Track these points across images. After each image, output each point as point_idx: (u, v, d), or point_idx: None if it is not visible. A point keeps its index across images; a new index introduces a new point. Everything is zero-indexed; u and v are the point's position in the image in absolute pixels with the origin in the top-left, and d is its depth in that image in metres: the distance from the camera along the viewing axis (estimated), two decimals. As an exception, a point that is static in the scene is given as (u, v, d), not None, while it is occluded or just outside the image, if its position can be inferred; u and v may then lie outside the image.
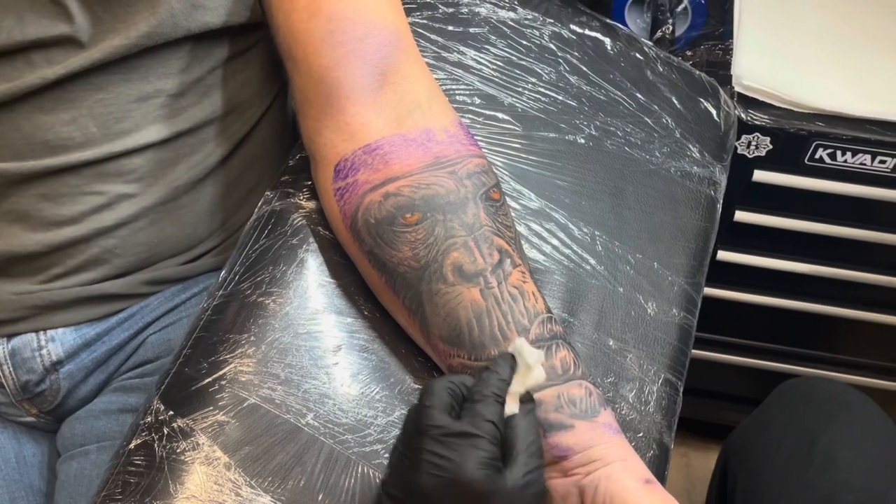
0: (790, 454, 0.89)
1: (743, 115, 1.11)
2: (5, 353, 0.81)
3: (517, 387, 0.60)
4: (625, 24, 1.21)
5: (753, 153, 1.14)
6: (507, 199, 0.74)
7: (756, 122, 1.12)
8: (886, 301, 1.30)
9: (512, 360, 0.61)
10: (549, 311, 0.68)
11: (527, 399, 0.60)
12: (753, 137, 1.13)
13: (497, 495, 0.55)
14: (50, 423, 0.86)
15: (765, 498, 0.88)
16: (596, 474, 0.62)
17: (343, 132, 0.69)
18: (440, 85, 0.76)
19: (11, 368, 0.81)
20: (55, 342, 0.81)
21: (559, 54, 0.91)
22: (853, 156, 1.13)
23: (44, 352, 0.81)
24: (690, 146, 0.93)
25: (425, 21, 0.86)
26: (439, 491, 0.55)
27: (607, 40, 0.94)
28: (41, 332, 0.80)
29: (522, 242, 0.77)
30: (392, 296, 0.68)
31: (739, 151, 1.14)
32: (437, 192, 0.67)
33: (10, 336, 0.81)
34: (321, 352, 0.68)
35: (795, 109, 1.12)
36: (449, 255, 0.66)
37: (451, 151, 0.69)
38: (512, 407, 0.59)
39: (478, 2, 0.89)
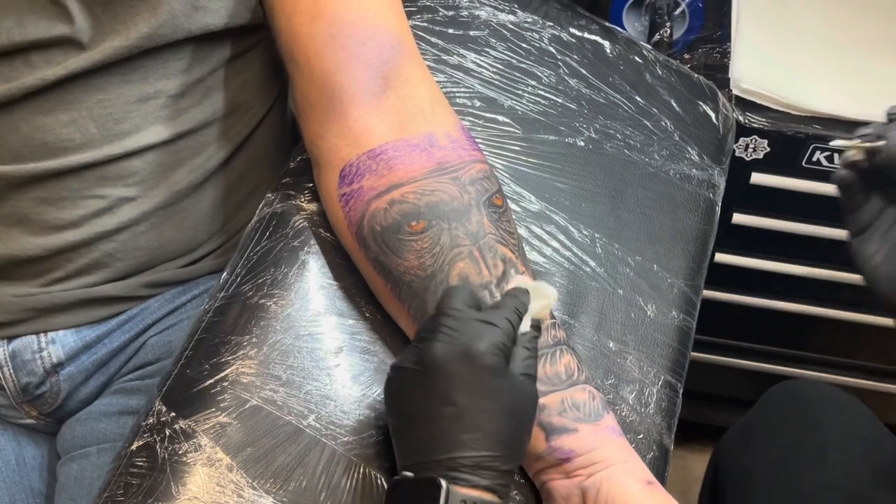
0: (778, 456, 0.89)
1: (741, 118, 1.12)
2: (6, 356, 0.80)
3: (533, 313, 0.64)
4: (623, 27, 1.21)
5: (751, 156, 1.15)
6: (508, 201, 0.74)
7: (754, 125, 1.12)
8: (883, 303, 1.31)
9: (527, 293, 0.65)
10: (552, 317, 0.69)
11: (535, 327, 0.64)
12: (751, 140, 1.13)
13: (502, 375, 0.58)
14: (50, 426, 0.86)
15: (754, 499, 0.88)
16: (598, 476, 0.63)
17: (346, 137, 0.69)
18: (440, 88, 0.76)
19: (12, 370, 0.81)
20: (55, 344, 0.81)
21: (559, 57, 0.91)
22: (850, 158, 1.13)
23: (44, 354, 0.81)
24: (689, 149, 0.94)
25: (426, 24, 0.86)
26: (449, 359, 0.58)
27: (606, 43, 0.94)
28: (41, 335, 0.80)
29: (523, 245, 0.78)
30: (397, 303, 0.69)
31: (737, 154, 1.14)
32: (441, 198, 0.67)
33: (10, 338, 0.80)
34: (323, 353, 0.69)
35: (793, 112, 1.12)
36: (455, 265, 0.66)
37: (454, 157, 0.70)
38: (525, 326, 0.63)
39: (478, 5, 0.89)
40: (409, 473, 0.59)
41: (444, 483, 0.56)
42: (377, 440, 0.66)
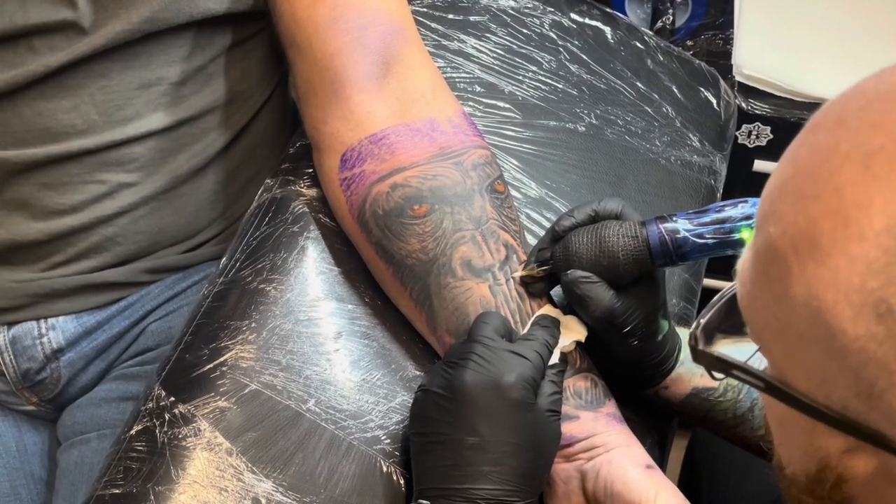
0: None
1: (743, 105, 1.11)
2: (6, 341, 0.81)
3: (563, 344, 0.65)
4: (625, 13, 1.21)
5: (754, 143, 1.15)
6: (509, 188, 0.74)
7: (756, 112, 1.12)
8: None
9: (558, 323, 0.66)
10: (554, 305, 0.69)
11: (562, 360, 0.65)
12: (754, 127, 1.13)
13: (528, 409, 0.59)
14: (50, 412, 0.86)
15: (729, 484, 0.88)
16: (597, 460, 0.63)
17: (348, 121, 0.69)
18: (441, 74, 0.76)
19: (12, 356, 0.81)
20: (56, 330, 0.81)
21: (560, 43, 0.91)
22: (853, 145, 1.13)
23: (44, 340, 0.81)
24: (690, 135, 0.93)
25: (425, 9, 0.86)
26: (478, 388, 0.58)
27: (608, 29, 0.94)
28: (42, 321, 0.80)
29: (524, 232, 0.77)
30: (399, 287, 0.68)
31: (740, 141, 1.14)
32: (444, 183, 0.67)
33: (10, 324, 0.80)
34: (322, 338, 0.68)
35: (796, 98, 1.12)
36: (458, 248, 0.66)
37: (456, 142, 0.69)
38: (554, 359, 0.63)
39: (478, -10, 0.89)
40: (424, 502, 0.58)
41: None
42: (377, 424, 0.66)
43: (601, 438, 0.64)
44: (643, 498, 0.60)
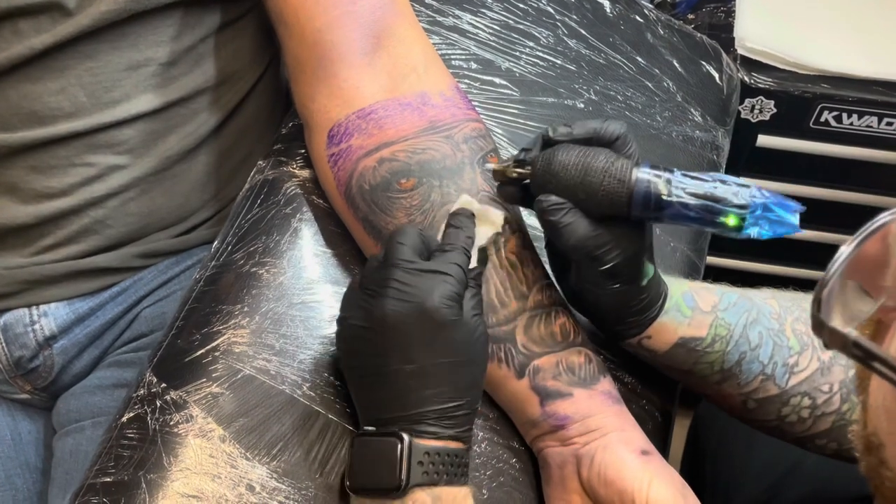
0: None
1: (746, 79, 1.09)
2: (-3, 329, 0.80)
3: (480, 241, 0.63)
4: (625, -13, 1.19)
5: (757, 117, 1.13)
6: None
7: (759, 86, 1.10)
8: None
9: (473, 217, 0.63)
10: (547, 277, 0.67)
11: (482, 258, 0.64)
12: (757, 101, 1.11)
13: (457, 324, 0.58)
14: (45, 400, 0.85)
15: (733, 463, 0.87)
16: (593, 444, 0.62)
17: (336, 97, 0.68)
18: (435, 50, 0.75)
19: (4, 344, 0.80)
20: (48, 317, 0.80)
21: (557, 17, 0.89)
22: (859, 118, 1.11)
23: (36, 327, 0.80)
24: (692, 110, 0.92)
25: (419, -16, 0.84)
26: (403, 317, 0.57)
27: (606, 3, 0.92)
28: (33, 307, 0.79)
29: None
30: None
31: (743, 116, 1.12)
32: (432, 156, 0.66)
33: (1, 311, 0.80)
34: (316, 322, 0.67)
35: (800, 71, 1.10)
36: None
37: (447, 115, 0.68)
38: (473, 261, 0.62)
39: (473, -36, 0.87)
40: (370, 428, 0.59)
41: (406, 437, 0.56)
42: (373, 409, 0.65)
43: (596, 421, 0.63)
44: (637, 486, 0.59)
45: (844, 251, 0.39)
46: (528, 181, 0.62)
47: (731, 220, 0.57)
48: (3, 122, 0.73)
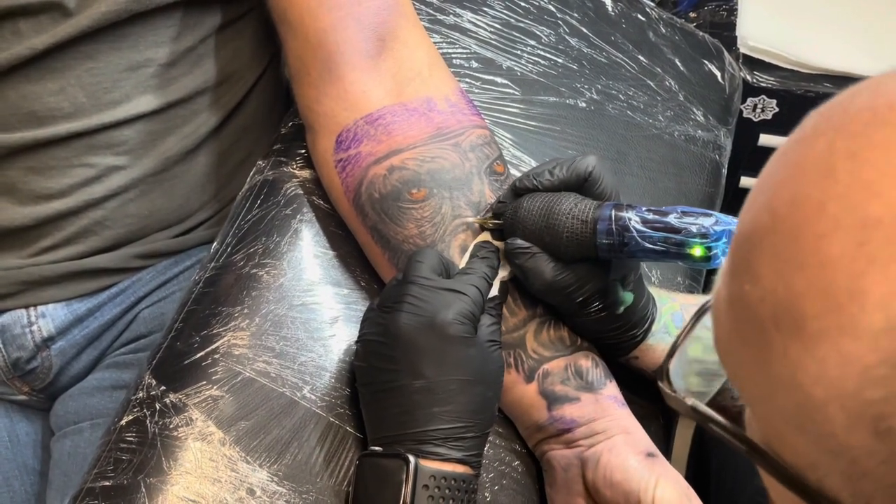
0: None
1: (748, 77, 1.09)
2: (-6, 330, 0.79)
3: (503, 273, 0.64)
4: (626, -14, 1.18)
5: (759, 116, 1.12)
6: (508, 167, 0.72)
7: (762, 84, 1.10)
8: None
9: (497, 252, 0.64)
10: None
11: (503, 289, 0.64)
12: (759, 100, 1.11)
13: (469, 344, 0.57)
14: (43, 402, 0.85)
15: (738, 462, 0.87)
16: (598, 447, 0.62)
17: (343, 100, 0.68)
18: (436, 48, 0.74)
19: (1, 345, 0.79)
20: (46, 318, 0.79)
21: (559, 16, 0.89)
22: (861, 117, 1.11)
23: (34, 328, 0.79)
24: (694, 109, 0.91)
25: (420, -17, 0.84)
26: (415, 331, 0.57)
27: (608, 1, 0.92)
28: (31, 308, 0.79)
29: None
30: (395, 272, 0.67)
31: (745, 115, 1.12)
32: (442, 165, 0.66)
33: (-1, 312, 0.79)
34: (317, 324, 0.67)
35: (802, 70, 1.10)
36: (457, 235, 0.65)
37: (454, 122, 0.68)
38: (493, 290, 0.62)
39: (474, -38, 0.86)
40: (377, 448, 0.58)
41: (412, 459, 0.55)
42: (374, 412, 0.65)
43: (602, 424, 0.63)
44: (642, 487, 0.59)
45: (684, 331, 0.41)
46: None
47: (698, 251, 0.57)
48: (2, 123, 0.72)
